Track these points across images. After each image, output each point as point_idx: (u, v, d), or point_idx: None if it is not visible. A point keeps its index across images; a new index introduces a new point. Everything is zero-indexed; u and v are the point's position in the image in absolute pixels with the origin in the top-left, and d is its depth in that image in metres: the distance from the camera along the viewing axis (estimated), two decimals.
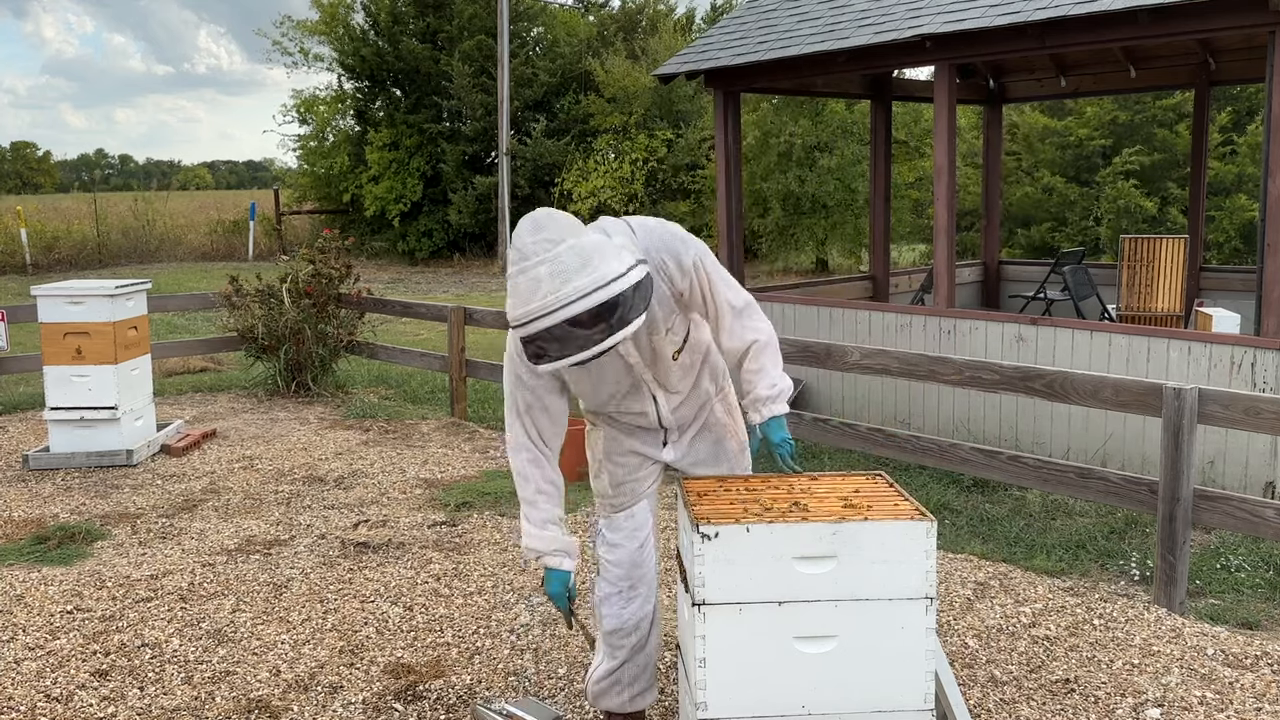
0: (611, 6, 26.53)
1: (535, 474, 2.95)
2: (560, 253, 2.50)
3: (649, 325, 2.82)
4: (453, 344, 8.04)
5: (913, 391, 7.09)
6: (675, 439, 3.12)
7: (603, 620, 3.16)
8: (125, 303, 6.92)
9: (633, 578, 3.12)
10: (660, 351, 2.91)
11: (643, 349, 2.89)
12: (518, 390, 2.91)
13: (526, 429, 2.94)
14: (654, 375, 2.95)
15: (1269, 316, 5.64)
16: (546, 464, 2.96)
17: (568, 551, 2.98)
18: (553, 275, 2.48)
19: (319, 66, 26.84)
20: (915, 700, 2.50)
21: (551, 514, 2.96)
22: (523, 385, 2.90)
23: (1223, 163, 14.75)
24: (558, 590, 3.01)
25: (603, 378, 2.93)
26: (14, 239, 20.52)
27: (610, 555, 3.14)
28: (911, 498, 2.65)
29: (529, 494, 2.97)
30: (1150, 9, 5.77)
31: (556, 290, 2.47)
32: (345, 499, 5.93)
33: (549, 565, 2.99)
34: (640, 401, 3.01)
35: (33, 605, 4.44)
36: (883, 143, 9.27)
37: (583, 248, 2.53)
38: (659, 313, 2.83)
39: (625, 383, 2.95)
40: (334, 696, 3.65)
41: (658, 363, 2.93)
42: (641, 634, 3.16)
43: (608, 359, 2.82)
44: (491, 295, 16.68)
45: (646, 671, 3.21)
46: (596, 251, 2.53)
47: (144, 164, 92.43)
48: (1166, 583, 4.31)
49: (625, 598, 3.12)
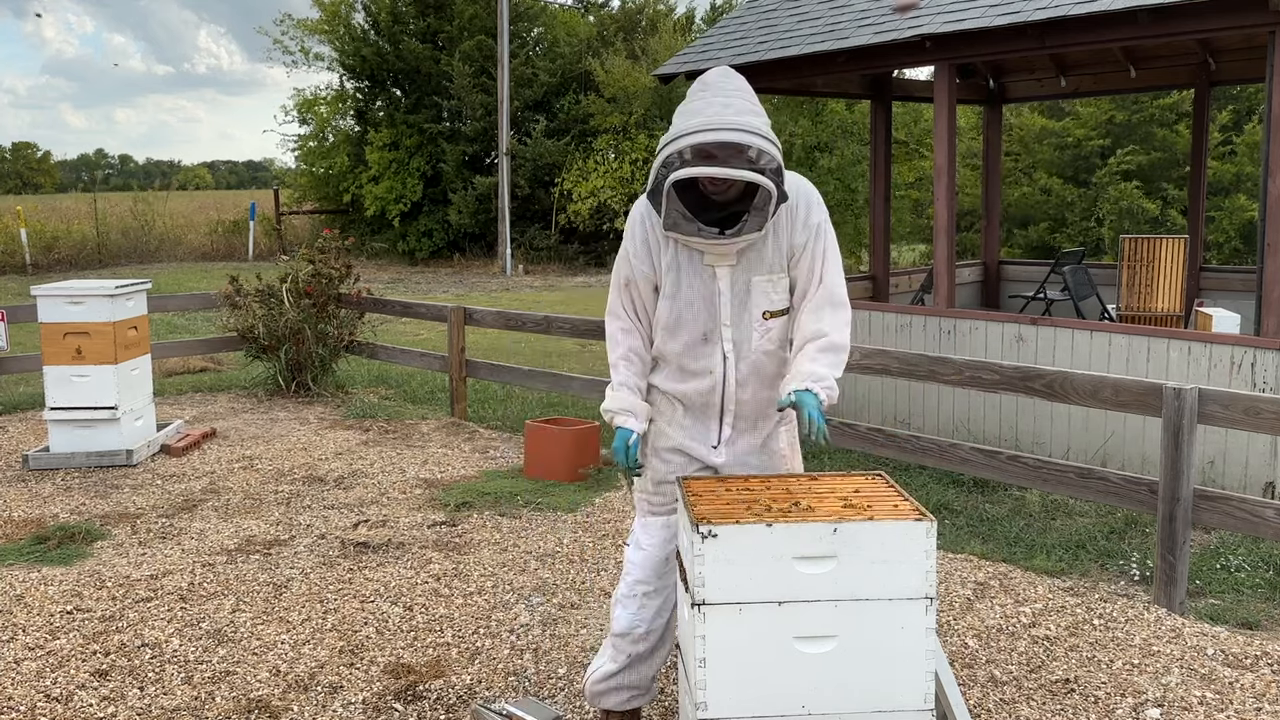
0: (611, 6, 26.55)
1: (623, 340, 3.03)
2: (736, 99, 2.77)
3: (755, 255, 2.88)
4: (453, 344, 8.04)
5: (913, 391, 7.09)
6: (730, 437, 3.02)
7: (614, 620, 3.13)
8: (125, 303, 6.92)
9: (652, 584, 3.06)
10: (753, 296, 2.90)
11: (737, 282, 2.90)
12: (623, 264, 3.01)
13: (623, 300, 3.03)
14: (734, 323, 2.91)
15: (1269, 316, 5.64)
16: (635, 335, 3.03)
17: (634, 412, 2.98)
18: (725, 106, 2.74)
19: (319, 66, 26.87)
20: (915, 700, 2.50)
21: (629, 379, 3.01)
22: (627, 261, 2.98)
23: (1222, 162, 14.75)
24: (618, 445, 2.97)
25: (690, 298, 2.91)
26: (14, 239, 20.52)
27: (634, 557, 3.09)
28: (911, 498, 2.65)
29: (614, 358, 3.04)
30: (1150, 9, 5.77)
31: (724, 117, 2.71)
32: (345, 499, 5.93)
33: (616, 424, 3.00)
34: (710, 354, 2.94)
35: (32, 605, 4.44)
36: (883, 143, 9.27)
37: (757, 110, 2.78)
38: (770, 249, 2.88)
39: (705, 317, 2.92)
40: (334, 696, 3.65)
41: (745, 310, 2.91)
42: (650, 644, 3.11)
43: (701, 280, 2.89)
44: (491, 295, 16.68)
45: (646, 678, 3.18)
46: (766, 125, 2.76)
47: (144, 164, 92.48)
48: (1166, 583, 4.31)
49: (639, 603, 3.07)
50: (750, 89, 2.86)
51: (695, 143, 2.69)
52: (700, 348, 2.95)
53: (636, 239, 2.96)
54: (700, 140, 2.69)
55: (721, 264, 2.89)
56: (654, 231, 2.92)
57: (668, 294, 2.94)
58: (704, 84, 2.82)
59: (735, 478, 2.88)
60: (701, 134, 2.69)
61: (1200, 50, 8.49)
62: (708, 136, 2.68)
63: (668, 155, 2.74)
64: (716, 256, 2.88)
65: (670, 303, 2.94)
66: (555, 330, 7.53)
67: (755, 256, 2.88)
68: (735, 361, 2.95)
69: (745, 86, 2.84)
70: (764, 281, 2.90)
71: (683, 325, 2.94)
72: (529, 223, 22.76)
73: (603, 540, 5.20)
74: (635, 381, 3.01)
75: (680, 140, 2.72)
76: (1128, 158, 15.13)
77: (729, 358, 2.94)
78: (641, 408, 3.00)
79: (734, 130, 2.69)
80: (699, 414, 3.02)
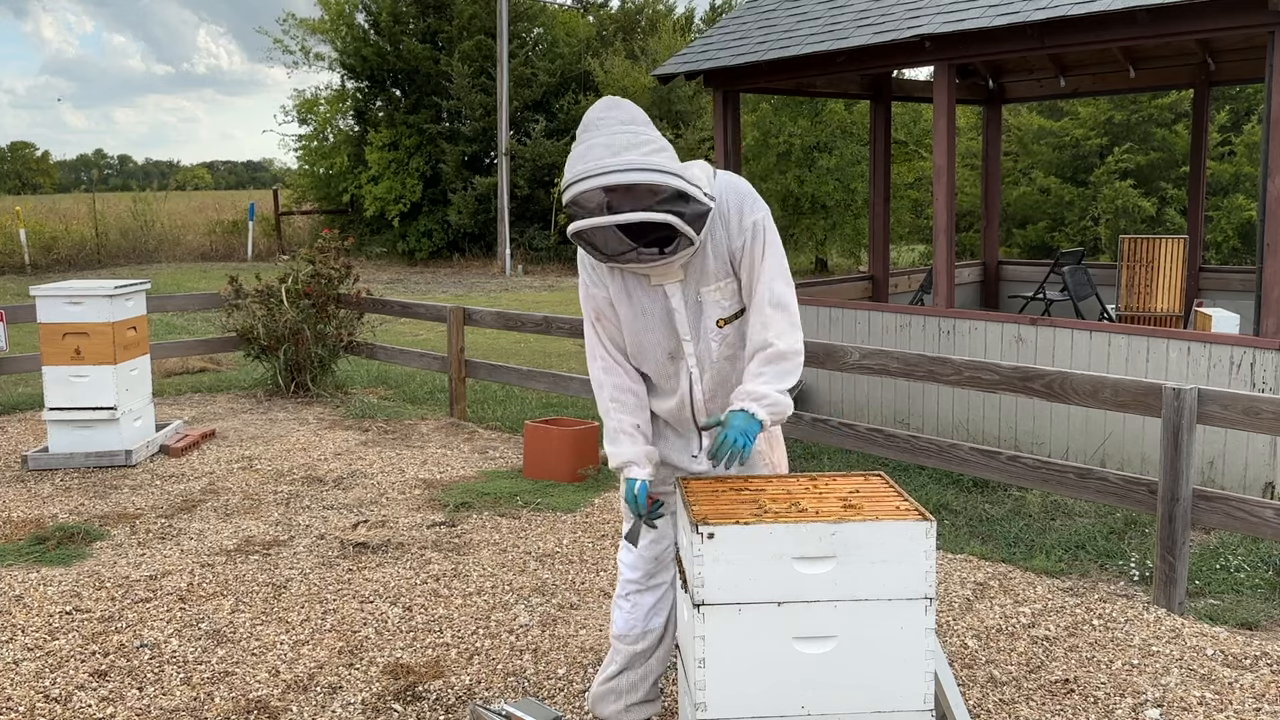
0: (611, 6, 26.56)
1: (608, 381, 2.97)
2: (620, 131, 2.63)
3: (699, 267, 2.83)
4: (452, 344, 8.04)
5: (912, 392, 7.09)
6: (709, 446, 3.00)
7: (612, 623, 3.16)
8: (124, 303, 6.92)
9: (642, 584, 3.09)
10: (705, 307, 2.87)
11: (689, 296, 2.86)
12: (588, 301, 2.97)
13: (598, 334, 2.98)
14: (694, 338, 2.90)
15: (1268, 316, 5.64)
16: (618, 371, 2.96)
17: (635, 460, 2.90)
18: (606, 146, 2.61)
19: (319, 66, 26.87)
20: (915, 700, 2.50)
21: (623, 424, 2.92)
22: (590, 295, 2.95)
23: (1220, 162, 14.74)
24: (627, 496, 2.91)
25: (648, 323, 2.89)
26: (13, 239, 20.52)
27: (625, 558, 3.12)
28: (911, 498, 2.65)
29: (603, 404, 2.98)
30: (1149, 9, 5.77)
31: (602, 160, 2.58)
32: (344, 499, 5.93)
33: (623, 476, 2.93)
34: (676, 372, 2.94)
35: (32, 606, 4.44)
36: (882, 143, 9.27)
37: (648, 137, 2.65)
38: (711, 259, 2.83)
39: (666, 340, 2.91)
40: (333, 697, 3.65)
41: (700, 321, 2.88)
42: (647, 645, 3.12)
43: (652, 303, 2.86)
44: (491, 295, 16.68)
45: (645, 682, 3.17)
46: (661, 149, 2.65)
47: (143, 164, 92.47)
48: (1166, 583, 4.31)
49: (632, 603, 3.10)
50: (638, 115, 2.72)
51: (573, 195, 2.62)
52: (667, 367, 2.95)
53: (588, 270, 2.93)
54: (577, 191, 2.60)
55: (670, 281, 2.85)
56: (599, 264, 2.88)
57: (625, 320, 2.92)
58: (585, 124, 2.70)
59: (734, 478, 2.88)
60: (577, 184, 2.60)
61: (1200, 50, 8.49)
62: (582, 186, 2.59)
63: (566, 204, 2.67)
64: (662, 276, 2.85)
65: (629, 328, 2.92)
66: (554, 330, 7.53)
67: (699, 268, 2.84)
68: (700, 375, 2.94)
69: (632, 115, 2.71)
70: (713, 291, 2.87)
71: (645, 349, 2.93)
72: (528, 223, 22.77)
73: (602, 540, 5.20)
74: (630, 423, 2.93)
75: (567, 192, 2.64)
76: (1125, 157, 15.13)
77: (694, 372, 2.93)
78: (643, 453, 2.92)
79: (612, 173, 2.58)
80: (676, 428, 3.05)
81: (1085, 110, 16.06)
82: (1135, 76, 9.10)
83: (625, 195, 2.60)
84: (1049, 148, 16.51)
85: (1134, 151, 15.29)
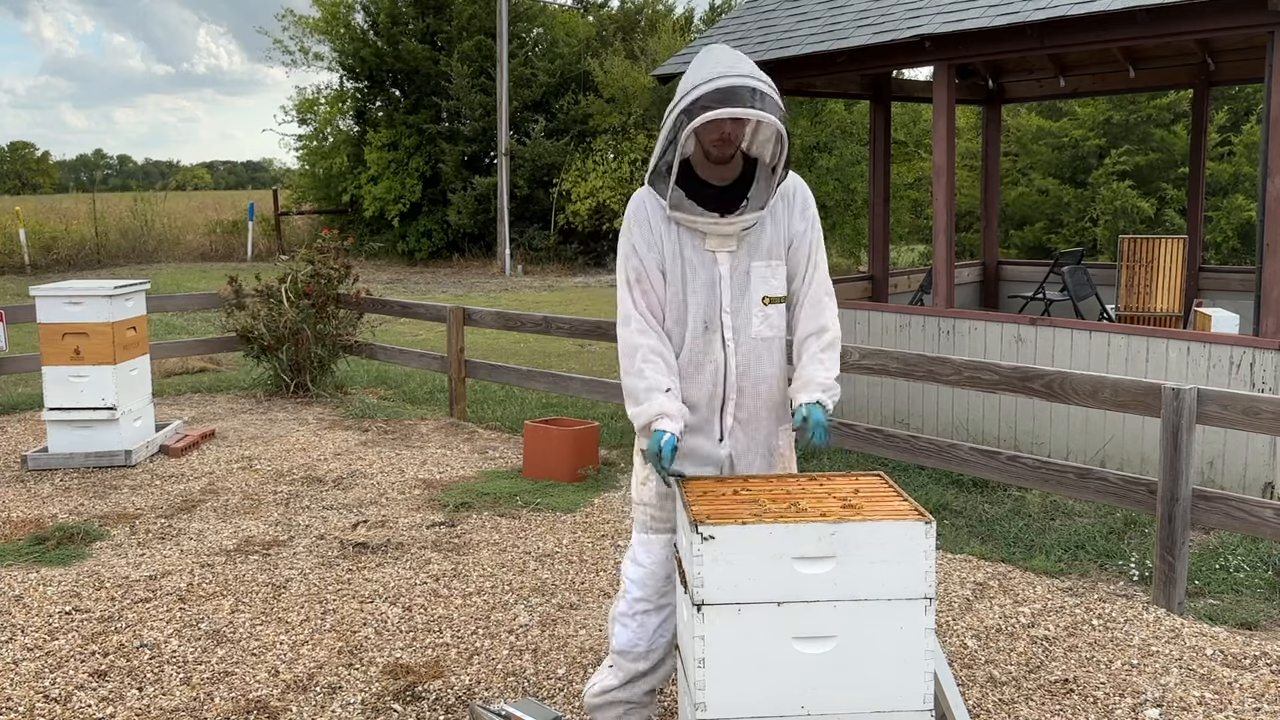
0: (610, 7, 26.54)
1: (643, 342, 2.91)
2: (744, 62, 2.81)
3: (755, 240, 2.92)
4: (452, 344, 8.04)
5: (912, 392, 7.09)
6: (732, 428, 2.98)
7: (613, 637, 3.08)
8: (124, 303, 6.92)
9: (652, 603, 3.02)
10: (753, 281, 2.92)
11: (737, 267, 2.91)
12: (630, 259, 2.95)
13: (634, 299, 2.94)
14: (734, 309, 2.91)
15: (1268, 317, 5.64)
16: (653, 334, 2.92)
17: (667, 412, 2.85)
18: (737, 59, 2.80)
19: (319, 66, 26.88)
20: (914, 701, 2.50)
21: (656, 382, 2.88)
22: (634, 254, 2.94)
23: (1219, 163, 14.74)
24: (652, 446, 2.85)
25: (694, 285, 2.90)
26: (13, 239, 20.52)
27: (634, 574, 3.03)
28: (910, 498, 2.65)
29: (636, 364, 2.91)
30: (1149, 9, 5.77)
31: (737, 67, 2.76)
32: (344, 499, 5.93)
33: (655, 428, 2.86)
34: (710, 342, 2.93)
35: (31, 606, 4.44)
36: (882, 143, 9.27)
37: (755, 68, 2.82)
38: (769, 235, 2.93)
39: (706, 307, 2.91)
40: (333, 697, 3.65)
41: (745, 294, 2.91)
42: (651, 662, 3.06)
43: (702, 265, 2.90)
44: (490, 296, 16.68)
45: (644, 694, 3.13)
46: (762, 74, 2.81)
47: (143, 164, 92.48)
48: (1165, 583, 4.31)
49: (639, 622, 3.03)
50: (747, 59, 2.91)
51: (716, 87, 2.70)
52: (701, 337, 2.94)
53: (641, 228, 2.94)
54: (723, 85, 2.70)
55: (722, 249, 2.91)
56: (655, 218, 2.92)
57: (672, 281, 2.93)
58: (708, 50, 2.85)
59: (734, 478, 2.88)
60: (723, 79, 2.71)
61: (1199, 50, 8.49)
62: (730, 81, 2.71)
63: (688, 103, 2.73)
64: (718, 241, 2.90)
65: (675, 289, 2.93)
66: (554, 330, 7.53)
67: (755, 242, 2.92)
68: (735, 349, 2.94)
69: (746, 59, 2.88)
70: (763, 267, 2.93)
71: (684, 313, 2.94)
72: (528, 223, 22.77)
73: (602, 541, 5.20)
74: (664, 382, 2.89)
75: (701, 87, 2.72)
76: (1123, 158, 15.13)
77: (729, 344, 2.94)
78: (676, 408, 2.87)
79: (750, 79, 2.73)
80: (704, 411, 2.98)
81: (1084, 111, 16.06)
82: (1135, 76, 9.10)
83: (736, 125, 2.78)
84: (1048, 148, 16.52)
85: (1132, 152, 15.29)
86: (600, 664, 3.25)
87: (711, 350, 2.94)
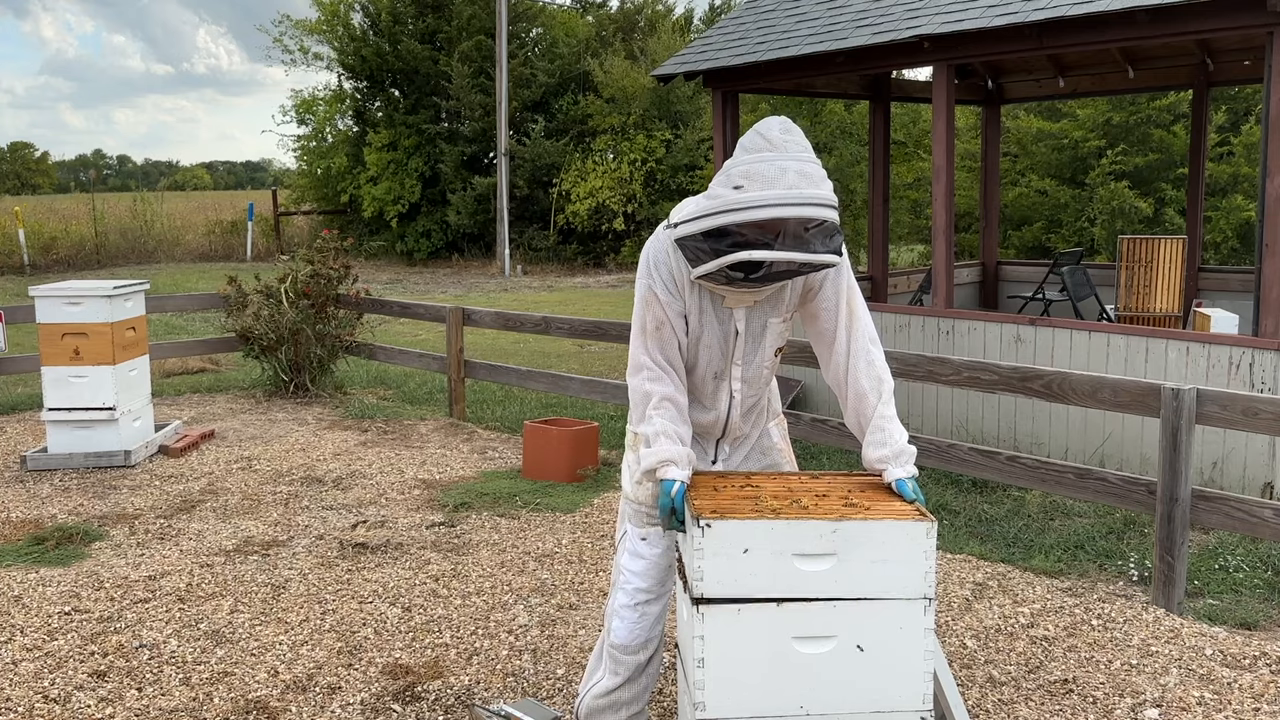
0: (610, 7, 26.56)
1: (656, 390, 2.83)
2: (808, 160, 2.57)
3: (775, 297, 2.82)
4: (451, 344, 8.04)
5: (911, 392, 7.09)
6: (726, 456, 3.05)
7: (611, 632, 3.08)
8: (123, 303, 6.92)
9: (654, 592, 3.04)
10: (768, 336, 2.88)
11: (753, 323, 2.86)
12: (649, 308, 2.83)
13: (649, 348, 2.84)
14: (745, 362, 2.89)
15: (1267, 317, 5.64)
16: (666, 381, 2.83)
17: (674, 460, 2.78)
18: (800, 175, 2.53)
19: (318, 66, 26.87)
20: (914, 701, 2.50)
21: (666, 428, 2.79)
22: (656, 302, 2.82)
23: (1219, 163, 14.74)
24: (663, 502, 2.77)
25: (710, 338, 2.86)
26: (12, 239, 20.51)
27: (634, 566, 3.04)
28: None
29: (645, 413, 2.83)
30: (1148, 9, 5.78)
31: (802, 188, 2.51)
32: (343, 500, 5.93)
33: (659, 476, 2.79)
34: (718, 391, 2.93)
35: (30, 606, 4.44)
36: (881, 143, 9.27)
37: (823, 173, 2.59)
38: (789, 291, 2.83)
39: (719, 359, 2.89)
40: (332, 697, 3.65)
41: (758, 349, 2.89)
42: (649, 653, 3.08)
43: (719, 321, 2.83)
44: (490, 296, 16.68)
45: (645, 693, 3.14)
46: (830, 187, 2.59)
47: (142, 164, 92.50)
48: (1165, 583, 4.31)
49: (640, 612, 3.04)
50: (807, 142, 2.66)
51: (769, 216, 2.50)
52: (709, 384, 2.94)
53: (669, 280, 2.81)
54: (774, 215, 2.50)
55: (740, 305, 2.84)
56: (679, 271, 2.80)
57: (693, 331, 2.87)
58: (766, 141, 2.60)
59: (736, 474, 2.89)
60: (777, 208, 2.50)
61: (1199, 51, 8.49)
62: (785, 212, 2.49)
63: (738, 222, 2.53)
64: (737, 299, 2.82)
65: (691, 343, 2.88)
66: (553, 331, 7.53)
67: (774, 298, 2.84)
68: (741, 398, 2.95)
69: (807, 143, 2.64)
70: (779, 323, 2.88)
71: (697, 365, 2.92)
72: (527, 223, 22.77)
73: (601, 541, 5.20)
74: (674, 429, 2.80)
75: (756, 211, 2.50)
76: (1120, 158, 15.13)
77: (736, 395, 2.94)
78: (684, 455, 2.77)
79: (816, 206, 2.51)
80: (701, 439, 3.03)
81: (1084, 112, 16.06)
82: (1134, 77, 9.10)
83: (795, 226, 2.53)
84: (1048, 149, 16.51)
85: (1130, 153, 15.28)
86: (588, 667, 3.23)
87: (719, 397, 2.96)
